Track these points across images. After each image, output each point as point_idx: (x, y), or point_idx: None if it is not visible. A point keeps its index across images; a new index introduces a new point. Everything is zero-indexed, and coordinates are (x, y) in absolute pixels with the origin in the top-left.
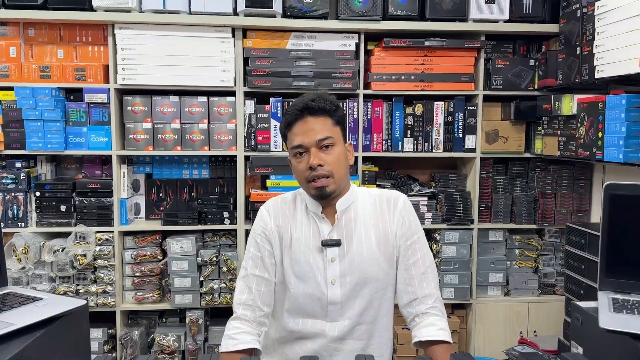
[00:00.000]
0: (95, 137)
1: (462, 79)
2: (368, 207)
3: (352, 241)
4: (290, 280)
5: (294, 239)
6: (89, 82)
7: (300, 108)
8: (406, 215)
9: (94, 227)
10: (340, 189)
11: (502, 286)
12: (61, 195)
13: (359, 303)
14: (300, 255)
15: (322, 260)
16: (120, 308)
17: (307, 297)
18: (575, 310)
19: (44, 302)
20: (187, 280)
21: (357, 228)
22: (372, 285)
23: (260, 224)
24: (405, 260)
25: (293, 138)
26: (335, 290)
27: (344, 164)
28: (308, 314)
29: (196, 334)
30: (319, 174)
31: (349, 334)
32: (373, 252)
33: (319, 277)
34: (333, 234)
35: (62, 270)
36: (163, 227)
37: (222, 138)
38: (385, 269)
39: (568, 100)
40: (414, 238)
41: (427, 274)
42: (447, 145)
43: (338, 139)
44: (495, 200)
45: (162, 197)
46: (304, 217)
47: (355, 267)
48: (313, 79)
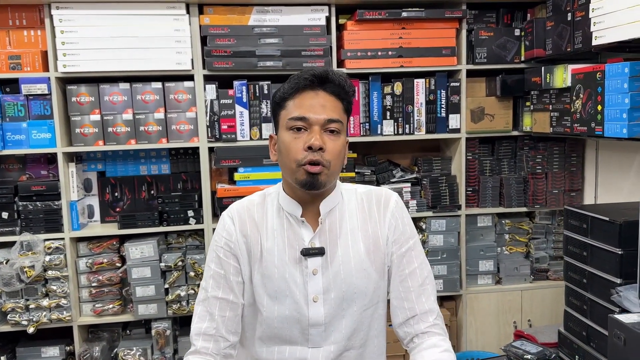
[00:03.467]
0: (37, 133)
1: (443, 53)
2: (354, 208)
3: (337, 249)
4: (261, 301)
5: (265, 250)
6: (26, 72)
7: (318, 75)
8: (399, 217)
9: (42, 235)
10: (329, 186)
11: (492, 274)
12: (2, 201)
13: (346, 324)
14: (274, 269)
15: (300, 274)
16: (77, 322)
17: (283, 321)
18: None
19: None
20: (151, 288)
21: (343, 233)
22: (361, 302)
23: (222, 234)
24: (399, 271)
25: (295, 108)
26: (318, 309)
27: (342, 159)
28: (285, 340)
29: (164, 347)
30: (316, 159)
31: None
32: (362, 262)
33: (297, 294)
34: (315, 241)
35: (8, 284)
36: (120, 231)
37: (182, 128)
38: (376, 280)
39: (561, 71)
40: (410, 244)
41: (426, 285)
42: (430, 127)
43: (344, 129)
44: (482, 183)
45: (117, 197)
46: (276, 222)
47: (342, 280)
48: (280, 59)
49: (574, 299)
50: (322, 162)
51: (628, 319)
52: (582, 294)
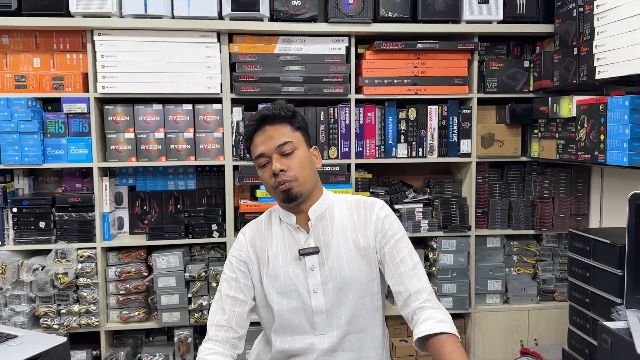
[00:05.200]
0: (75, 149)
1: (455, 81)
2: (344, 212)
3: (331, 247)
4: (272, 298)
5: (271, 256)
6: (68, 92)
7: (257, 119)
8: (384, 217)
9: (75, 244)
10: (308, 192)
11: (501, 294)
12: (40, 211)
13: (344, 311)
14: (279, 270)
15: (301, 271)
16: (104, 328)
17: (292, 312)
18: (604, 331)
19: (19, 341)
20: (175, 297)
21: (335, 234)
22: (356, 290)
23: (236, 246)
24: (392, 261)
25: (254, 149)
26: (319, 299)
27: (308, 167)
28: (295, 330)
29: (185, 354)
30: (282, 180)
31: (339, 345)
32: (353, 257)
33: (300, 288)
34: (310, 242)
35: (42, 290)
36: (148, 242)
37: (209, 147)
38: (367, 272)
39: (567, 102)
40: (397, 237)
41: (417, 269)
42: (442, 150)
43: (299, 143)
44: (492, 206)
45: (146, 210)
46: (278, 232)
47: (336, 273)
48: (303, 84)
49: (578, 318)
50: (287, 179)
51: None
52: (585, 313)
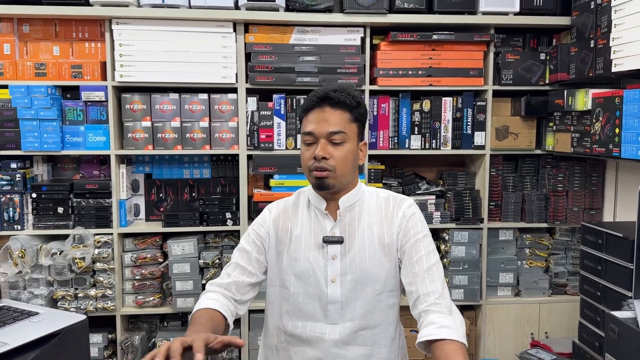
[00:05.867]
0: (93, 136)
1: (471, 73)
2: (374, 207)
3: (355, 239)
4: (289, 279)
5: (294, 237)
6: (86, 80)
7: (321, 96)
8: (410, 215)
9: (93, 229)
10: (342, 185)
11: (512, 286)
12: (58, 197)
13: (360, 304)
14: (300, 253)
15: (322, 258)
16: (120, 312)
17: (307, 297)
18: (611, 320)
19: (40, 318)
20: (189, 283)
21: (361, 227)
22: (374, 286)
23: (259, 221)
24: (409, 259)
25: (306, 124)
26: (335, 289)
27: (350, 163)
28: (308, 315)
29: None
30: (321, 166)
31: (352, 339)
32: (375, 252)
33: (319, 274)
34: (335, 231)
35: (60, 274)
36: (163, 229)
37: (224, 136)
38: (388, 269)
39: (582, 95)
40: (418, 237)
41: (432, 271)
42: (456, 142)
43: (352, 136)
44: (505, 199)
45: (162, 197)
46: (305, 214)
47: (357, 266)
48: (317, 75)
49: (589, 311)
50: (326, 168)
51: (622, 315)
52: (596, 306)
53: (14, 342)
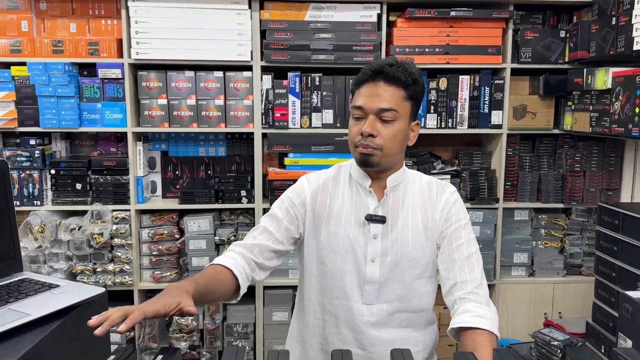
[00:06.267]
0: (110, 113)
1: (489, 51)
2: (417, 190)
3: (398, 220)
4: (327, 255)
5: (335, 212)
6: (103, 57)
7: (375, 69)
8: (453, 202)
9: (110, 206)
10: (387, 165)
11: (526, 267)
12: (76, 173)
13: (398, 287)
14: (340, 229)
15: (363, 236)
16: (138, 287)
17: (344, 274)
18: (625, 300)
19: (61, 290)
20: (205, 259)
21: (404, 208)
22: (415, 270)
23: (295, 190)
24: (448, 245)
25: (357, 98)
26: (374, 269)
27: (399, 142)
28: (344, 293)
29: (214, 313)
30: (367, 143)
31: (387, 321)
32: (418, 235)
33: (358, 252)
34: (379, 210)
35: (79, 249)
36: (180, 206)
37: (239, 115)
38: (429, 254)
39: (602, 73)
40: (460, 224)
41: (471, 259)
42: (472, 122)
43: (404, 114)
44: (521, 179)
45: (178, 175)
46: (346, 190)
47: (398, 247)
48: (333, 53)
49: (603, 292)
50: (371, 146)
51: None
52: (611, 287)
53: (36, 313)
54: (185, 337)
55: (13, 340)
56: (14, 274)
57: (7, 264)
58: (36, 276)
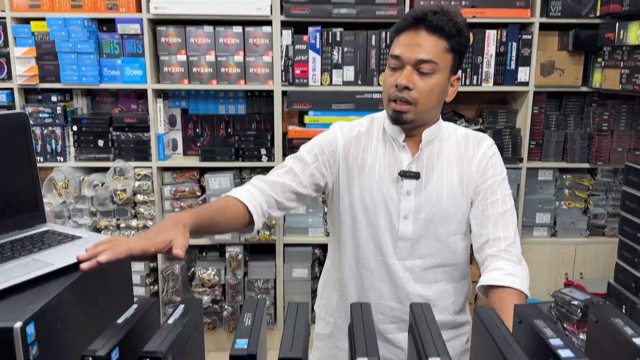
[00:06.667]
0: (129, 69)
1: (517, 4)
2: (452, 144)
3: (432, 176)
4: (360, 210)
5: (367, 166)
6: (121, 12)
7: (417, 17)
8: (490, 155)
9: (132, 163)
10: (422, 122)
11: (548, 227)
12: (98, 130)
13: (431, 243)
14: (373, 184)
15: (396, 192)
16: None
17: (376, 230)
18: None
19: (84, 241)
20: None
21: (439, 163)
22: (449, 226)
23: (327, 138)
24: (482, 201)
25: (395, 46)
26: (407, 226)
27: (436, 97)
28: (377, 249)
29: (236, 269)
30: (401, 97)
31: (420, 276)
32: (454, 190)
33: (391, 209)
34: (412, 166)
35: (103, 205)
36: (201, 164)
37: (259, 71)
38: (464, 210)
39: (636, 27)
40: (497, 179)
41: (506, 216)
42: (498, 79)
43: (444, 67)
44: (546, 138)
45: (198, 133)
46: (380, 143)
47: (433, 204)
48: (355, 6)
49: (627, 252)
50: (407, 99)
51: None
52: (634, 247)
53: (59, 263)
54: (208, 291)
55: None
56: (37, 226)
57: (30, 215)
58: (59, 228)
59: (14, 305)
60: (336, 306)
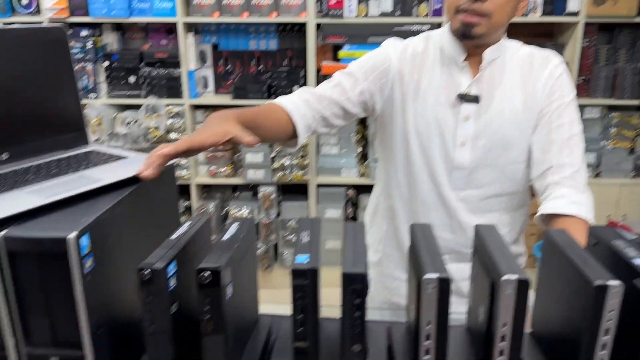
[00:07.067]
0: (159, 2)
1: None
2: (517, 64)
3: (494, 99)
4: (413, 137)
5: (422, 90)
6: None
7: None
8: (558, 75)
9: (164, 100)
10: (491, 38)
11: (592, 167)
12: (129, 66)
13: (489, 172)
14: (428, 110)
15: (453, 118)
16: (194, 182)
17: (431, 158)
18: None
19: (130, 161)
20: (259, 155)
21: (502, 85)
22: (510, 154)
23: (379, 55)
24: (547, 124)
25: None
26: (464, 154)
27: (509, 12)
28: (430, 178)
29: (269, 209)
30: (474, 8)
31: (477, 206)
32: (517, 115)
33: (447, 136)
34: (472, 88)
35: (136, 142)
36: (233, 101)
37: (291, 2)
38: (527, 136)
39: None
40: (564, 100)
41: (573, 142)
42: (547, 8)
43: None
44: (595, 73)
45: (229, 70)
46: (436, 64)
47: (493, 130)
48: None
49: None
50: (480, 12)
51: None
52: None
53: (107, 179)
54: None
55: (87, 203)
56: (80, 146)
57: (73, 135)
58: (103, 148)
59: (65, 218)
60: (386, 233)
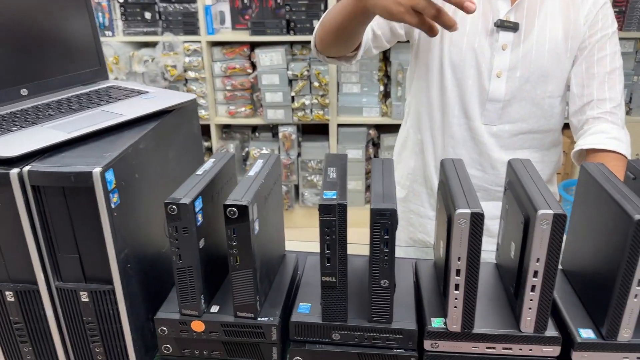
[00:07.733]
0: None
1: None
2: None
3: (533, 28)
4: (447, 68)
5: (459, 15)
6: None
7: None
8: (602, 5)
9: (181, 37)
10: None
11: None
12: (144, 1)
13: (525, 106)
14: (463, 38)
15: (489, 47)
16: (214, 122)
17: (464, 91)
18: None
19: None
20: (279, 94)
21: (542, 13)
22: (546, 86)
23: None
24: (587, 57)
25: None
26: (499, 85)
27: None
28: (462, 112)
29: (289, 149)
30: None
31: (509, 142)
32: (556, 45)
33: (482, 66)
34: (511, 15)
35: (154, 81)
36: (251, 38)
37: None
38: (566, 69)
39: None
40: (607, 32)
41: (614, 75)
42: None
43: None
44: (631, 4)
45: (246, 4)
46: None
47: (531, 60)
48: None
49: None
50: None
51: None
52: None
53: (130, 114)
54: None
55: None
56: (100, 82)
57: (93, 70)
58: (123, 83)
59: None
60: (413, 169)
